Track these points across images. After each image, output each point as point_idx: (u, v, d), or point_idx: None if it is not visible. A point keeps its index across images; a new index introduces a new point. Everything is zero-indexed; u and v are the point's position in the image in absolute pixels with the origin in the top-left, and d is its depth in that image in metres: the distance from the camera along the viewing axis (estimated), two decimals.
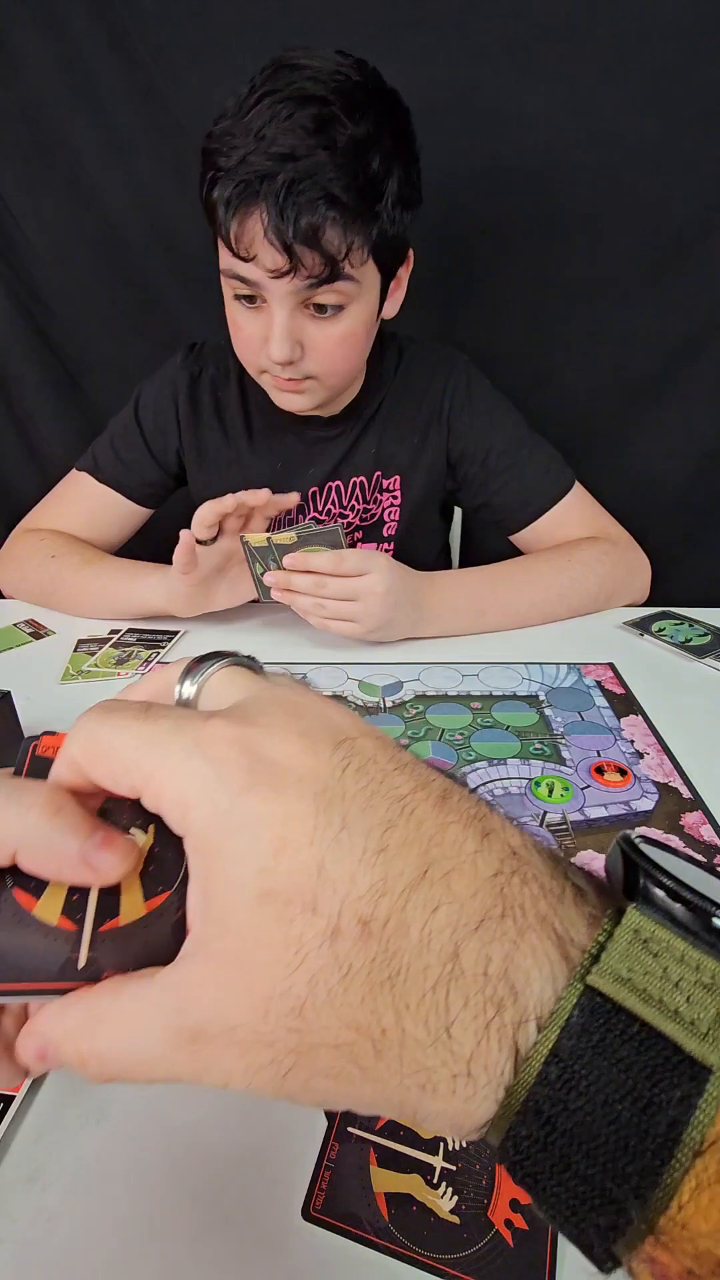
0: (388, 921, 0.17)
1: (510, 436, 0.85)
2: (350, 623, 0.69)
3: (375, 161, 0.61)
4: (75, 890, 0.22)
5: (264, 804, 0.18)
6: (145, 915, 0.22)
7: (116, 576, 0.81)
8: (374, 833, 0.18)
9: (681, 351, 1.03)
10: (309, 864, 0.17)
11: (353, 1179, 0.29)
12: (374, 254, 0.66)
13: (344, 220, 0.60)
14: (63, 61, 0.92)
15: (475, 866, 0.18)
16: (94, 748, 0.21)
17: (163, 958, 0.20)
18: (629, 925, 0.17)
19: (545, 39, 0.86)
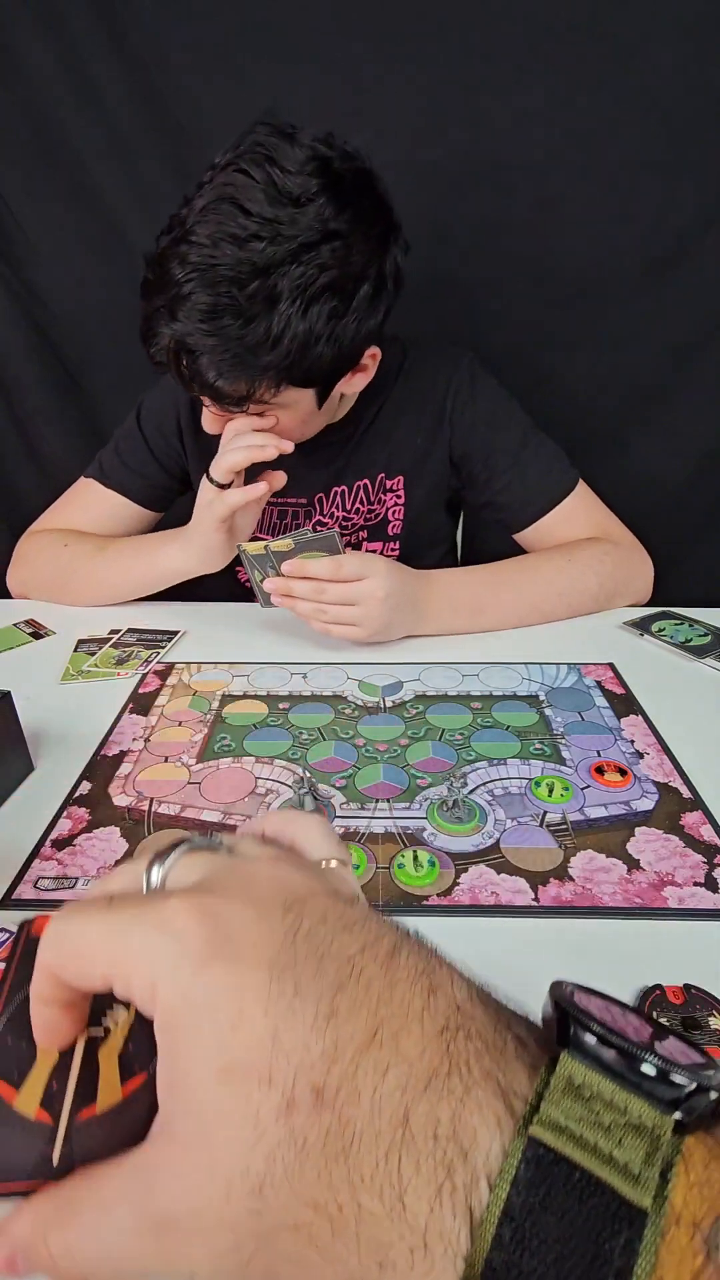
0: (340, 1089, 0.17)
1: (514, 436, 0.85)
2: (352, 627, 0.69)
3: (281, 321, 0.61)
4: (55, 1077, 0.23)
5: (222, 977, 0.19)
6: (121, 1101, 0.23)
7: (135, 554, 0.82)
8: (324, 997, 0.18)
9: (681, 351, 1.03)
10: (263, 1035, 0.18)
11: None
12: (292, 384, 0.67)
13: (238, 379, 0.64)
14: (64, 62, 0.92)
15: (422, 1024, 0.18)
16: (63, 948, 0.21)
17: (138, 1143, 0.20)
18: (562, 1073, 0.17)
19: (545, 39, 0.86)
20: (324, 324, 0.62)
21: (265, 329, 0.61)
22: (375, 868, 0.47)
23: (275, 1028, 0.18)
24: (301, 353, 0.63)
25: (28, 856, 0.48)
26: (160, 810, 0.52)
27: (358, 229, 0.62)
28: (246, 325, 0.60)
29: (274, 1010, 0.18)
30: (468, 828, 0.50)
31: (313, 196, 0.60)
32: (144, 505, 0.90)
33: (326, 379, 0.69)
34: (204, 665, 0.72)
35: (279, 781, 0.55)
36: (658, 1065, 0.17)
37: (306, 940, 0.20)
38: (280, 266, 0.60)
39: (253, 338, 0.61)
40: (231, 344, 0.61)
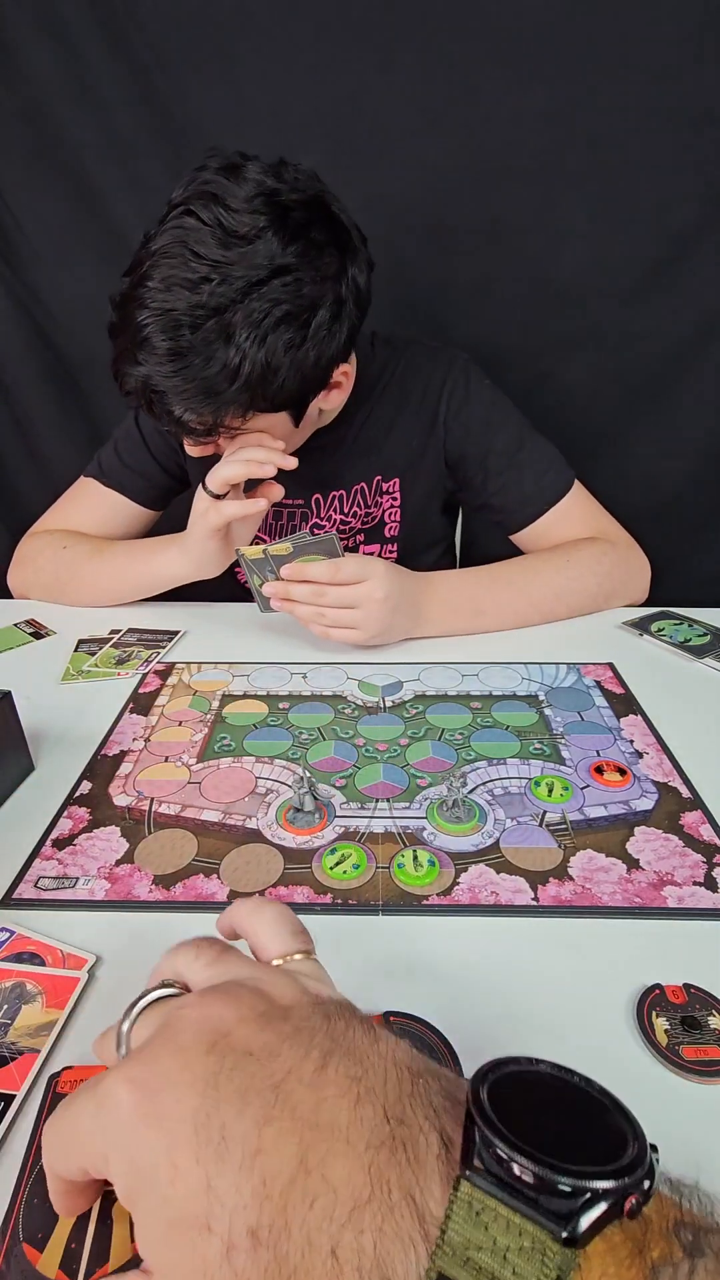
0: (271, 1226, 0.18)
1: (509, 437, 0.85)
2: (352, 630, 0.69)
3: (237, 355, 0.61)
4: (73, 1238, 0.26)
5: (153, 1138, 0.20)
6: (131, 1258, 0.25)
7: (132, 557, 0.82)
8: (250, 1135, 0.19)
9: (681, 351, 1.03)
10: (198, 1184, 0.19)
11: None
12: (260, 410, 0.67)
13: (205, 411, 0.64)
14: (64, 63, 0.92)
15: (349, 1142, 0.19)
16: (53, 1148, 0.23)
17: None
18: (463, 1198, 0.18)
19: (545, 39, 0.86)
20: (283, 354, 0.63)
21: (223, 364, 0.61)
22: (375, 867, 0.47)
23: (207, 1175, 0.19)
24: (263, 383, 0.63)
25: (28, 856, 0.48)
26: (160, 810, 0.52)
27: (308, 260, 0.62)
28: (207, 364, 0.61)
29: (204, 1157, 0.19)
30: (467, 827, 0.50)
31: (260, 233, 0.60)
32: (143, 504, 0.90)
33: (296, 402, 0.69)
34: (204, 665, 0.72)
35: (279, 781, 0.55)
36: (543, 1177, 0.17)
37: (230, 1079, 0.20)
38: (232, 306, 0.60)
39: (212, 372, 0.61)
40: (193, 383, 0.62)
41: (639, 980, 0.39)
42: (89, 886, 0.46)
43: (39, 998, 0.38)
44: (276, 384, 0.64)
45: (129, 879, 0.46)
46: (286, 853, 0.48)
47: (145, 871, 0.47)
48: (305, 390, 0.69)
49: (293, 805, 0.52)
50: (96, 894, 0.45)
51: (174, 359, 0.61)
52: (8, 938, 0.42)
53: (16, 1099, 0.33)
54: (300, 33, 0.88)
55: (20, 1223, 0.27)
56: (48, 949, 0.41)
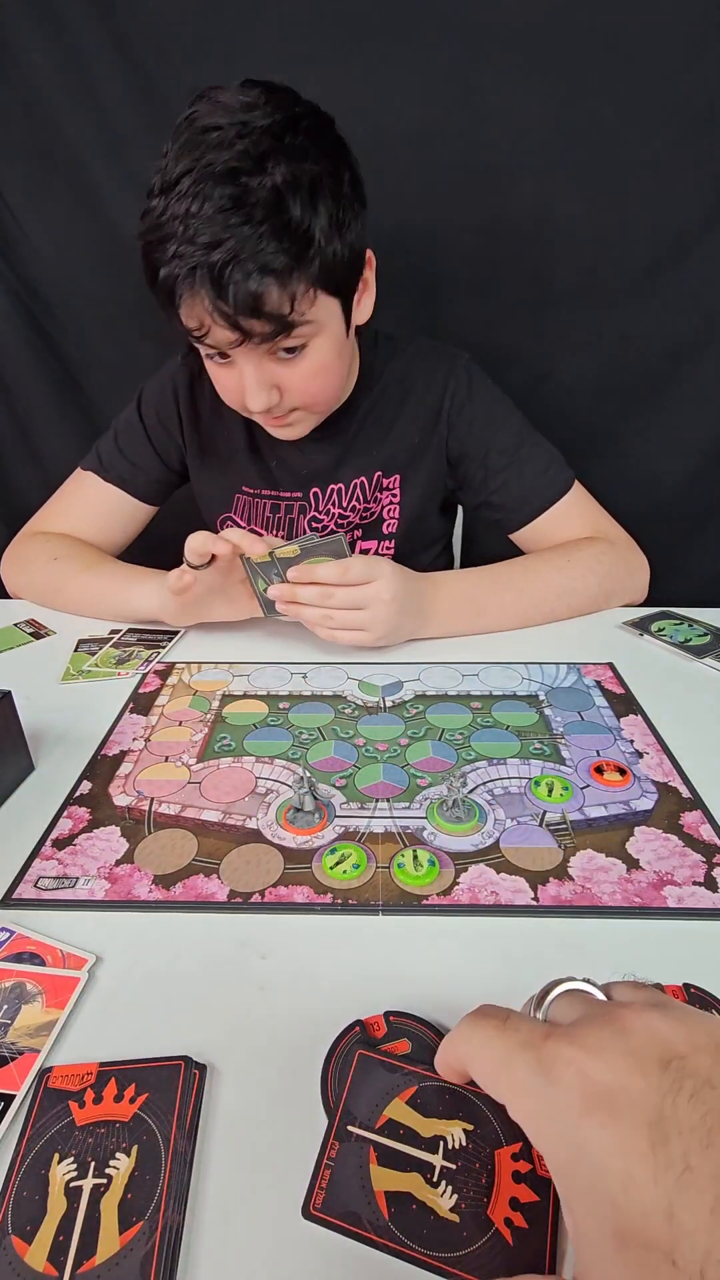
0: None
1: (511, 436, 0.85)
2: (359, 631, 0.69)
3: (297, 208, 0.61)
4: (61, 1230, 0.26)
5: (601, 1133, 0.19)
6: (118, 1251, 0.26)
7: (113, 581, 0.81)
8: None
9: (681, 351, 1.03)
10: (657, 1207, 0.18)
11: (352, 1178, 0.29)
12: (324, 288, 0.66)
13: (281, 280, 0.62)
14: (64, 61, 0.92)
15: None
16: (466, 1056, 0.25)
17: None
18: None
19: (545, 39, 0.86)
20: (328, 205, 0.63)
21: (285, 219, 0.60)
22: (375, 867, 0.47)
23: (670, 1203, 0.18)
24: (323, 240, 0.63)
25: (28, 856, 0.48)
26: (160, 810, 0.52)
27: (309, 117, 0.64)
28: (267, 215, 0.59)
29: (664, 1181, 0.18)
30: (467, 827, 0.50)
31: (259, 100, 0.62)
32: (142, 499, 0.90)
33: (346, 282, 0.69)
34: (204, 665, 0.72)
35: (279, 781, 0.55)
36: None
37: (691, 1104, 0.19)
38: (270, 156, 0.60)
39: (277, 227, 0.59)
40: (262, 239, 0.59)
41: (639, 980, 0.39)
42: (89, 886, 0.46)
43: (39, 998, 0.38)
44: (331, 247, 0.63)
45: (129, 879, 0.46)
46: (286, 853, 0.48)
47: (145, 871, 0.47)
48: (351, 266, 0.68)
49: (293, 805, 0.52)
50: (96, 894, 0.45)
51: (237, 207, 0.59)
52: (8, 938, 0.42)
53: (16, 1099, 0.33)
54: (300, 31, 0.88)
55: (9, 1215, 0.27)
56: (48, 949, 0.41)
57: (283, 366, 0.69)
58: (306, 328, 0.67)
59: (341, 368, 0.75)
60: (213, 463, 0.89)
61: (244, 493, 0.89)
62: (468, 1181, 0.28)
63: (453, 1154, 0.29)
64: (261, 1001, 0.38)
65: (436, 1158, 0.29)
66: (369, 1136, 0.30)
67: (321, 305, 0.67)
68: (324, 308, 0.67)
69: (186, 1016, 0.37)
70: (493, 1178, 0.28)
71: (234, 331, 0.63)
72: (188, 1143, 0.31)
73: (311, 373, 0.70)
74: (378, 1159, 0.29)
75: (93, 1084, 0.33)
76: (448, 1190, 0.28)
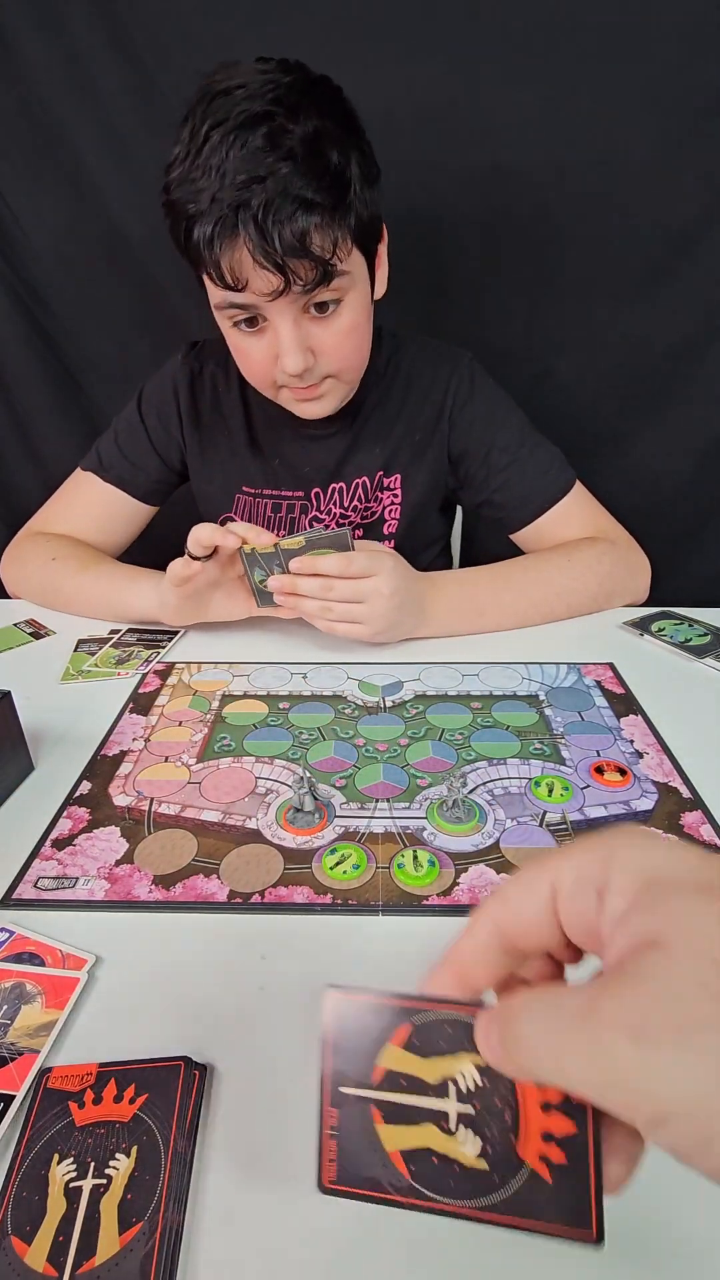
0: None
1: (512, 434, 0.85)
2: (357, 625, 0.69)
3: (334, 154, 0.62)
4: (61, 1230, 0.26)
5: None
6: (118, 1252, 0.26)
7: (111, 582, 0.81)
8: None
9: (681, 351, 1.03)
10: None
11: (361, 1142, 0.25)
12: (356, 241, 0.67)
13: (324, 221, 0.61)
14: (64, 60, 0.92)
15: None
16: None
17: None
18: None
19: (545, 39, 0.86)
20: (358, 157, 0.64)
21: (323, 161, 0.60)
22: (375, 868, 0.47)
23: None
24: (357, 187, 0.64)
25: (28, 856, 0.48)
26: (160, 810, 0.52)
27: (327, 82, 0.64)
28: (306, 155, 0.59)
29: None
30: (467, 827, 0.50)
31: (276, 68, 0.62)
32: (142, 500, 0.90)
33: (371, 240, 0.70)
34: (204, 665, 0.72)
35: (279, 781, 0.55)
36: None
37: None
38: (301, 107, 0.60)
39: (316, 168, 0.60)
40: (304, 177, 0.59)
41: None
42: (89, 887, 0.46)
43: (39, 998, 0.38)
44: (354, 183, 0.64)
45: (129, 879, 0.46)
46: (286, 853, 0.48)
47: (145, 871, 0.47)
48: (373, 225, 0.69)
49: (293, 805, 0.52)
50: (96, 894, 0.45)
51: (274, 144, 0.59)
52: (7, 938, 0.42)
53: (16, 1099, 0.33)
54: (300, 31, 0.88)
55: (9, 1216, 0.27)
56: (47, 949, 0.41)
57: (316, 326, 0.69)
58: (343, 280, 0.66)
59: (368, 334, 0.75)
60: (213, 462, 0.89)
61: (244, 492, 0.89)
62: (490, 1122, 0.24)
63: (467, 1095, 0.25)
64: (261, 1001, 0.38)
65: (449, 1103, 0.25)
66: (366, 1095, 0.26)
67: (354, 259, 0.67)
68: (356, 262, 0.68)
69: (186, 1016, 0.37)
70: (517, 1114, 0.24)
71: (278, 275, 0.62)
72: (188, 1143, 0.31)
73: (345, 332, 0.70)
74: (383, 1117, 0.25)
75: (92, 1084, 0.33)
76: (469, 1136, 0.24)
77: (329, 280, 0.64)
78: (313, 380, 0.72)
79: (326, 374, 0.72)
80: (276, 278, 0.62)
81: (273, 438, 0.86)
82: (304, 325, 0.68)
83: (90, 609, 0.82)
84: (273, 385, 0.74)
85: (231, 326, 0.70)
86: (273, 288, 0.63)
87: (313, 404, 0.76)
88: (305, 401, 0.75)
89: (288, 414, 0.81)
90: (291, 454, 0.87)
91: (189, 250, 0.64)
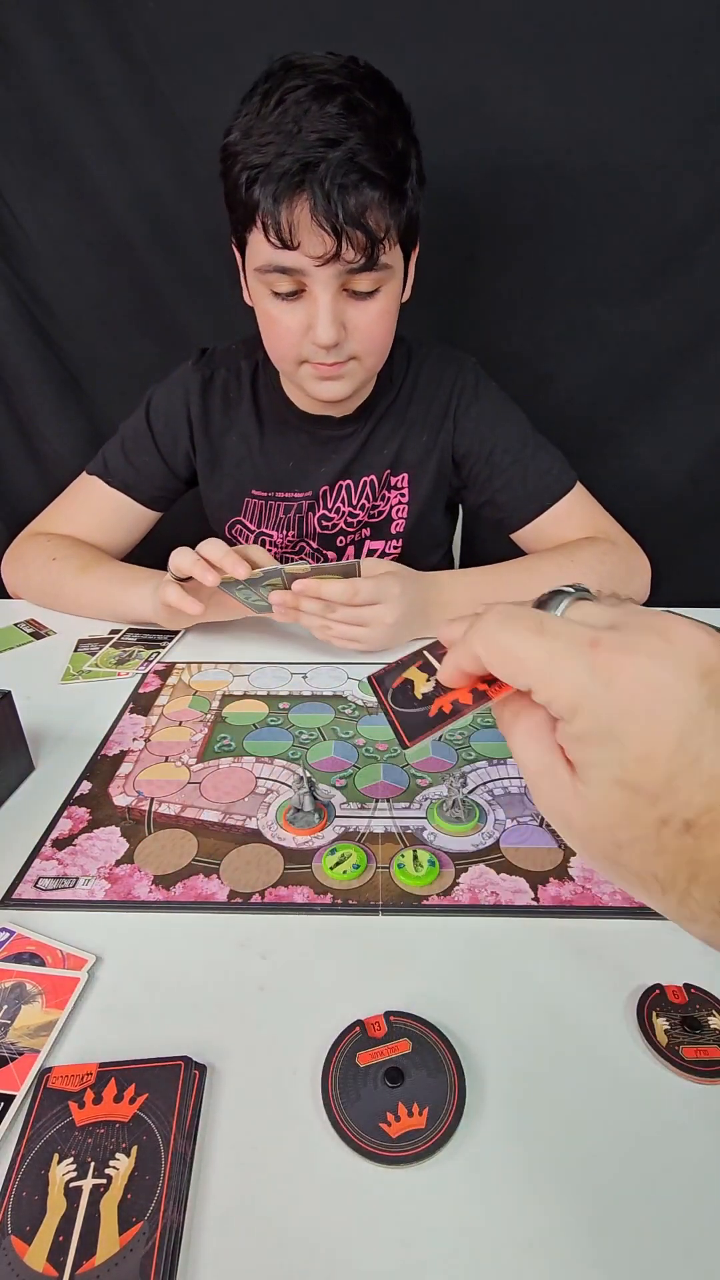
0: (707, 825, 0.21)
1: (515, 435, 0.86)
2: (355, 642, 0.69)
3: (400, 141, 0.63)
4: (60, 1230, 0.26)
5: (635, 719, 0.22)
6: (118, 1252, 0.26)
7: (110, 583, 0.81)
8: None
9: (681, 351, 1.03)
10: (661, 775, 0.22)
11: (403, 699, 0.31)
12: (401, 235, 0.68)
13: (383, 199, 0.63)
14: (64, 62, 0.92)
15: None
16: (498, 652, 0.25)
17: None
18: None
19: (546, 39, 0.86)
20: (416, 150, 0.66)
21: (391, 139, 0.62)
22: (375, 868, 0.47)
23: (672, 773, 0.22)
24: (418, 185, 0.67)
25: (28, 856, 0.48)
26: (160, 810, 0.52)
27: (399, 94, 0.66)
28: (379, 131, 0.61)
29: (676, 762, 0.22)
30: (467, 827, 0.50)
31: (347, 59, 0.64)
32: (147, 505, 0.90)
33: (411, 241, 0.71)
34: (204, 665, 0.72)
35: (279, 781, 0.55)
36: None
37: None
38: (374, 92, 0.62)
39: (385, 145, 0.61)
40: (376, 150, 0.61)
41: (639, 980, 0.39)
42: (89, 886, 0.46)
43: (39, 998, 0.38)
44: (412, 175, 0.66)
45: (129, 879, 0.46)
46: (286, 853, 0.48)
47: (145, 871, 0.47)
48: (418, 216, 0.70)
49: (293, 805, 0.52)
50: (96, 894, 0.45)
51: (351, 113, 0.60)
52: (8, 938, 0.42)
53: (16, 1099, 0.33)
54: (301, 32, 0.88)
55: (9, 1215, 0.27)
56: (48, 949, 0.41)
57: (352, 306, 0.70)
58: (384, 273, 0.68)
59: (393, 329, 0.76)
60: (224, 467, 0.89)
61: (254, 496, 0.89)
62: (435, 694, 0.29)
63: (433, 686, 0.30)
64: (261, 1001, 0.38)
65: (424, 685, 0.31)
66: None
67: (396, 253, 0.69)
68: (395, 257, 0.69)
69: (186, 1016, 0.37)
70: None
71: (333, 239, 0.62)
72: (188, 1143, 0.31)
73: (378, 315, 0.71)
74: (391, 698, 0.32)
75: (92, 1084, 0.33)
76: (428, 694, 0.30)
77: (373, 264, 0.66)
78: (339, 358, 0.72)
79: (351, 355, 0.73)
80: (331, 241, 0.63)
81: (286, 440, 0.87)
82: (340, 302, 0.69)
83: (91, 609, 0.82)
84: (295, 360, 0.74)
85: (267, 294, 0.71)
86: (323, 251, 0.64)
87: (332, 383, 0.75)
88: (326, 380, 0.75)
89: (301, 416, 0.81)
90: (304, 456, 0.87)
91: (245, 206, 0.65)
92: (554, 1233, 0.29)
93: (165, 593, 0.69)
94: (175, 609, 0.69)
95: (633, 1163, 0.31)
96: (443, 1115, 0.32)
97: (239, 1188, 0.30)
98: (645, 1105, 0.34)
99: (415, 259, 0.76)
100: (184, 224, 0.99)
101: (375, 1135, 0.32)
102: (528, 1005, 0.38)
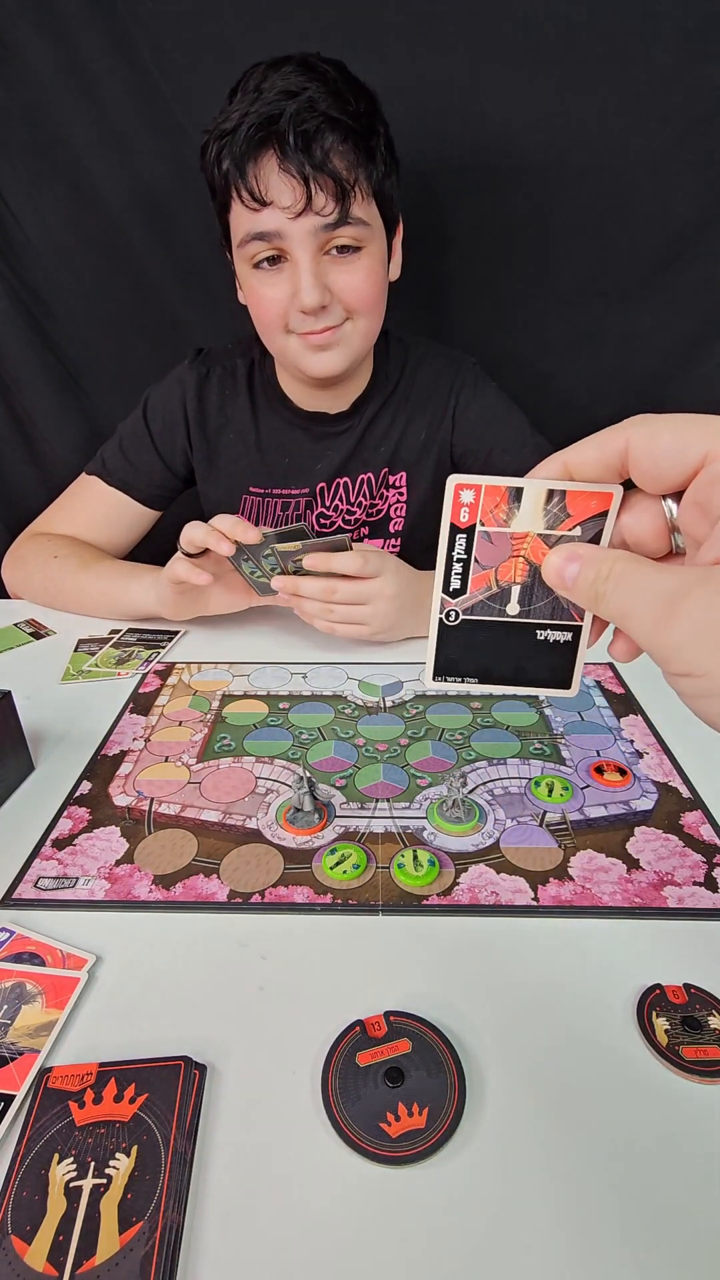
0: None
1: (514, 435, 0.86)
2: (358, 625, 0.69)
3: (362, 104, 0.66)
4: (61, 1230, 0.26)
5: None
6: (118, 1251, 0.26)
7: (112, 579, 0.82)
8: None
9: (681, 351, 1.03)
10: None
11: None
12: (375, 199, 0.70)
13: (345, 145, 0.65)
14: (64, 61, 0.91)
15: None
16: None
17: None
18: None
19: (545, 39, 0.86)
20: (383, 126, 0.70)
21: (350, 107, 0.65)
22: (375, 867, 0.47)
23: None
24: (386, 155, 0.69)
25: (28, 856, 0.48)
26: (160, 810, 0.52)
27: (373, 95, 0.70)
28: (339, 90, 0.64)
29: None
30: (467, 827, 0.50)
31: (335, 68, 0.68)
32: (146, 504, 0.90)
33: (389, 213, 0.73)
34: (204, 665, 0.72)
35: (279, 781, 0.55)
36: None
37: None
38: (338, 75, 0.66)
39: (344, 102, 0.65)
40: (335, 98, 0.64)
41: (639, 980, 0.39)
42: (89, 886, 0.46)
43: (39, 998, 0.38)
44: (379, 140, 0.69)
45: (129, 879, 0.46)
46: (286, 853, 0.48)
47: (145, 871, 0.47)
48: (392, 199, 0.73)
49: (293, 805, 0.52)
50: (96, 894, 0.45)
51: (309, 71, 0.64)
52: (8, 938, 0.42)
53: (16, 1099, 0.33)
54: (301, 32, 0.88)
55: (9, 1215, 0.27)
56: (48, 949, 0.41)
57: (335, 266, 0.70)
58: (361, 229, 0.69)
59: (385, 289, 0.76)
60: (221, 464, 0.89)
61: (251, 493, 0.89)
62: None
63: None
64: (261, 1001, 0.38)
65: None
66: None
67: (373, 214, 0.70)
68: (374, 219, 0.70)
69: (186, 1016, 0.37)
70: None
71: (301, 185, 0.64)
72: (188, 1143, 0.31)
73: (364, 274, 0.71)
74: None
75: (92, 1084, 0.33)
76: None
77: (347, 216, 0.67)
78: (330, 322, 0.72)
79: (345, 316, 0.73)
80: (300, 188, 0.64)
81: (281, 437, 0.87)
82: (323, 264, 0.69)
83: (91, 606, 0.82)
84: (283, 329, 0.74)
85: (252, 269, 0.71)
86: (293, 200, 0.65)
87: (325, 354, 0.75)
88: (317, 351, 0.74)
89: (297, 413, 0.81)
90: (300, 452, 0.87)
91: (220, 179, 0.68)
92: (554, 1233, 0.29)
93: (174, 569, 0.69)
94: (182, 585, 0.69)
95: (633, 1163, 0.31)
96: (443, 1115, 0.32)
97: (239, 1188, 0.30)
98: (645, 1105, 0.34)
99: (398, 246, 0.77)
100: (183, 224, 0.99)
101: (375, 1135, 0.32)
102: (528, 1005, 0.38)
